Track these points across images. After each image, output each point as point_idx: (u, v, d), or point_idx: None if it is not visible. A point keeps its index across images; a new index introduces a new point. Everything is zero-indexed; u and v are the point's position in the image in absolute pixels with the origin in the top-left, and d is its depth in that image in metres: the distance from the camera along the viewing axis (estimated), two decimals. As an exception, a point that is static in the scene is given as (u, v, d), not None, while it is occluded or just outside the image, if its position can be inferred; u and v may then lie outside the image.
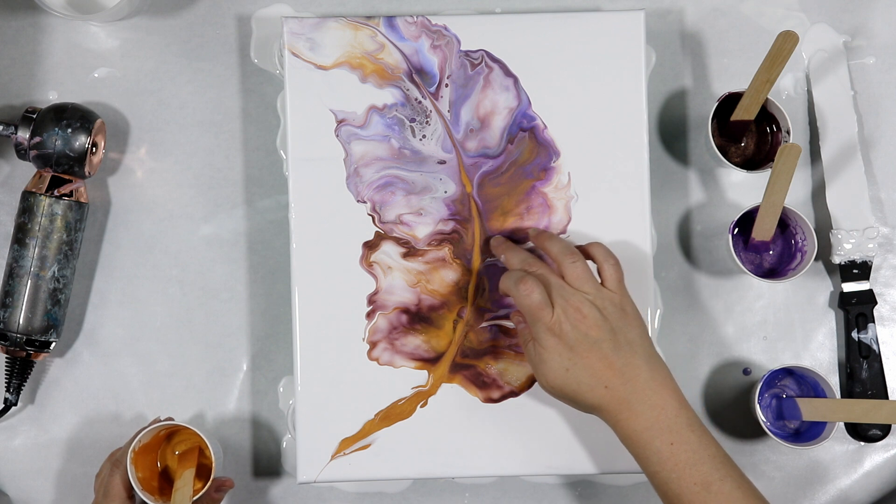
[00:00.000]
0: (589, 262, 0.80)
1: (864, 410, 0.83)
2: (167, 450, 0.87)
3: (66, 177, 0.89)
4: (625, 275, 0.80)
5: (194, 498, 0.82)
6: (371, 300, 0.86)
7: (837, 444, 0.92)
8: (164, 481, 0.86)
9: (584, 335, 0.76)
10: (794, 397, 0.89)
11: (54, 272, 0.88)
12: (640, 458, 0.76)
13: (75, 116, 0.88)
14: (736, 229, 0.89)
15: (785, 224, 0.90)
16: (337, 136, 0.86)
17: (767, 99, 0.87)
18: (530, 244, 0.86)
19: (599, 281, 0.79)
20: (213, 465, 0.83)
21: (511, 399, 0.86)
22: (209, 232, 0.92)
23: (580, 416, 0.85)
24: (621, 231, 0.86)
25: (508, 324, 0.86)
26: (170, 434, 0.87)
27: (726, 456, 0.76)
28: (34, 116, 0.88)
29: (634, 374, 0.76)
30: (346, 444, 0.85)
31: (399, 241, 0.86)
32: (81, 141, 0.87)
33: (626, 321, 0.77)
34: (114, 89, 0.93)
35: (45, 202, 0.88)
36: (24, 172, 0.92)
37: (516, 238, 0.86)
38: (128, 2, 0.88)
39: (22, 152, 0.88)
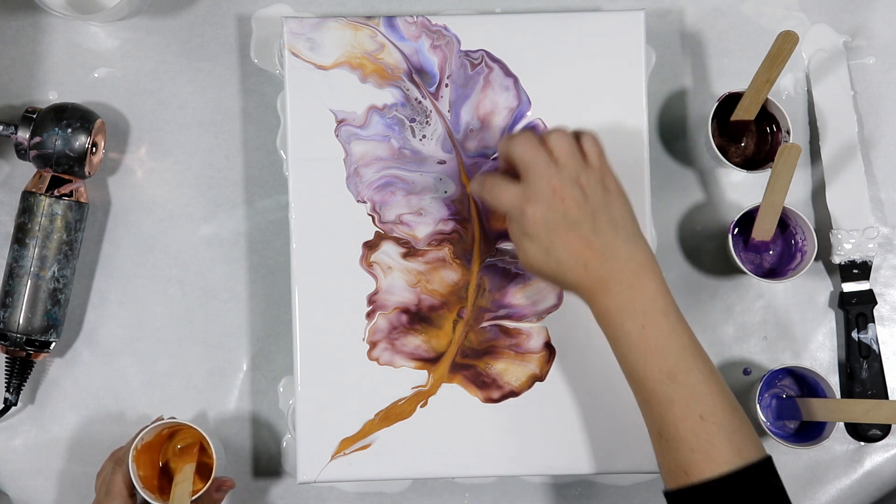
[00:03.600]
0: None
1: (864, 410, 0.83)
2: (169, 448, 0.87)
3: (66, 177, 0.89)
4: None
5: (194, 497, 0.82)
6: (371, 300, 0.86)
7: (837, 444, 0.92)
8: (166, 480, 0.86)
9: (563, 215, 0.74)
10: (794, 397, 0.89)
11: (54, 272, 0.88)
12: (612, 338, 0.75)
13: (75, 116, 0.88)
14: (736, 229, 0.89)
15: (785, 224, 0.90)
16: (337, 136, 0.86)
17: (767, 99, 0.87)
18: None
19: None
20: (215, 463, 0.83)
21: (511, 399, 0.86)
22: (209, 232, 0.92)
23: (580, 416, 0.86)
24: (621, 231, 0.86)
25: (508, 324, 0.86)
26: (172, 433, 0.87)
27: (698, 348, 0.74)
28: (34, 116, 0.88)
29: (614, 254, 0.74)
30: (346, 444, 0.85)
31: (399, 241, 0.86)
32: (81, 141, 0.87)
33: (608, 200, 0.75)
34: (114, 89, 0.93)
35: (45, 202, 0.88)
36: (24, 172, 0.92)
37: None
38: (128, 2, 0.88)
39: (22, 152, 0.88)
